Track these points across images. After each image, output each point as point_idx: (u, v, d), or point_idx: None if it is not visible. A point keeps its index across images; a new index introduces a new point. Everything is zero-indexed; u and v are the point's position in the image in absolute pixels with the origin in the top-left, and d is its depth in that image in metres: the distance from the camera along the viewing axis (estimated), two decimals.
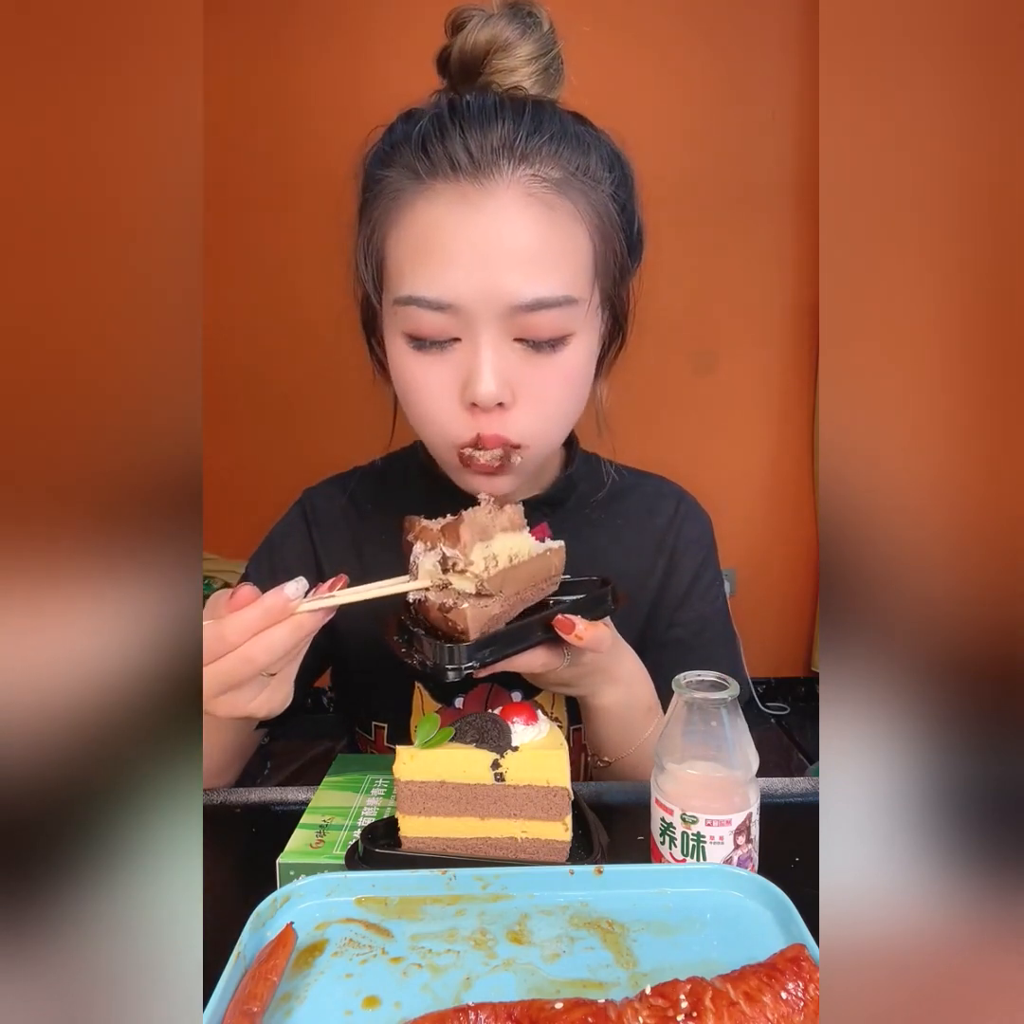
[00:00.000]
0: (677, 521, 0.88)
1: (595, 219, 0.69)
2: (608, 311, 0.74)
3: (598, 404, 0.79)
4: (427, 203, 0.66)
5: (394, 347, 0.71)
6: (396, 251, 0.68)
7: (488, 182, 0.64)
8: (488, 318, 0.65)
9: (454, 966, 0.48)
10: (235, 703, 0.59)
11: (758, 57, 2.39)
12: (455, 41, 0.68)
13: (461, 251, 0.64)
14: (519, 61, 0.67)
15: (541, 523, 0.82)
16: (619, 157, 0.72)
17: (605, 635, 0.66)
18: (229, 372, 2.44)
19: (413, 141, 0.67)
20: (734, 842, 0.56)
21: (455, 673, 0.60)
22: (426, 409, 0.70)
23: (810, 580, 2.73)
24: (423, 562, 0.62)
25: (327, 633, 0.64)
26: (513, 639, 0.64)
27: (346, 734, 0.96)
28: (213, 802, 0.73)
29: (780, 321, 2.56)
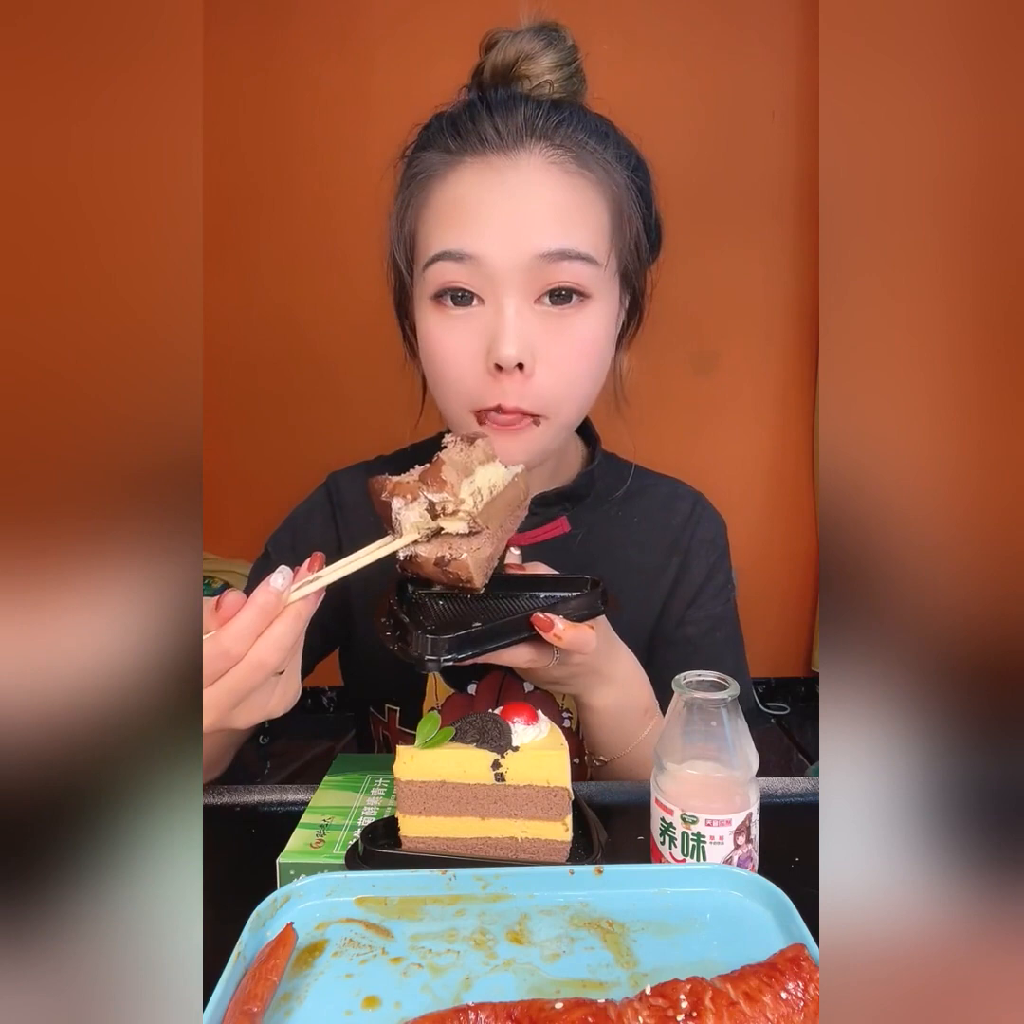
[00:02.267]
0: (692, 521, 0.90)
1: (612, 192, 0.74)
2: (626, 287, 0.78)
3: (617, 377, 0.83)
4: (457, 175, 0.72)
5: (423, 315, 0.74)
6: (428, 221, 0.74)
7: (513, 155, 0.70)
8: (511, 272, 0.69)
9: (454, 966, 0.48)
10: (252, 710, 0.57)
11: (758, 57, 2.39)
12: (488, 58, 0.75)
13: (487, 212, 0.70)
14: (544, 68, 0.74)
15: (560, 516, 0.84)
16: (636, 152, 0.78)
17: (588, 637, 0.65)
18: (229, 372, 2.44)
19: (446, 123, 0.74)
20: (734, 842, 0.56)
21: (434, 664, 0.59)
22: (450, 371, 0.73)
23: (810, 580, 2.73)
24: (406, 516, 0.61)
25: (337, 614, 0.65)
26: (495, 635, 0.63)
27: (355, 718, 0.96)
28: (213, 802, 0.73)
29: (780, 321, 2.55)
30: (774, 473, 2.67)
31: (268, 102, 2.34)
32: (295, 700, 0.61)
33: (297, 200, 2.39)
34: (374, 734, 0.91)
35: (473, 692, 0.84)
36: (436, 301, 0.72)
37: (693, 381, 2.57)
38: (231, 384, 2.45)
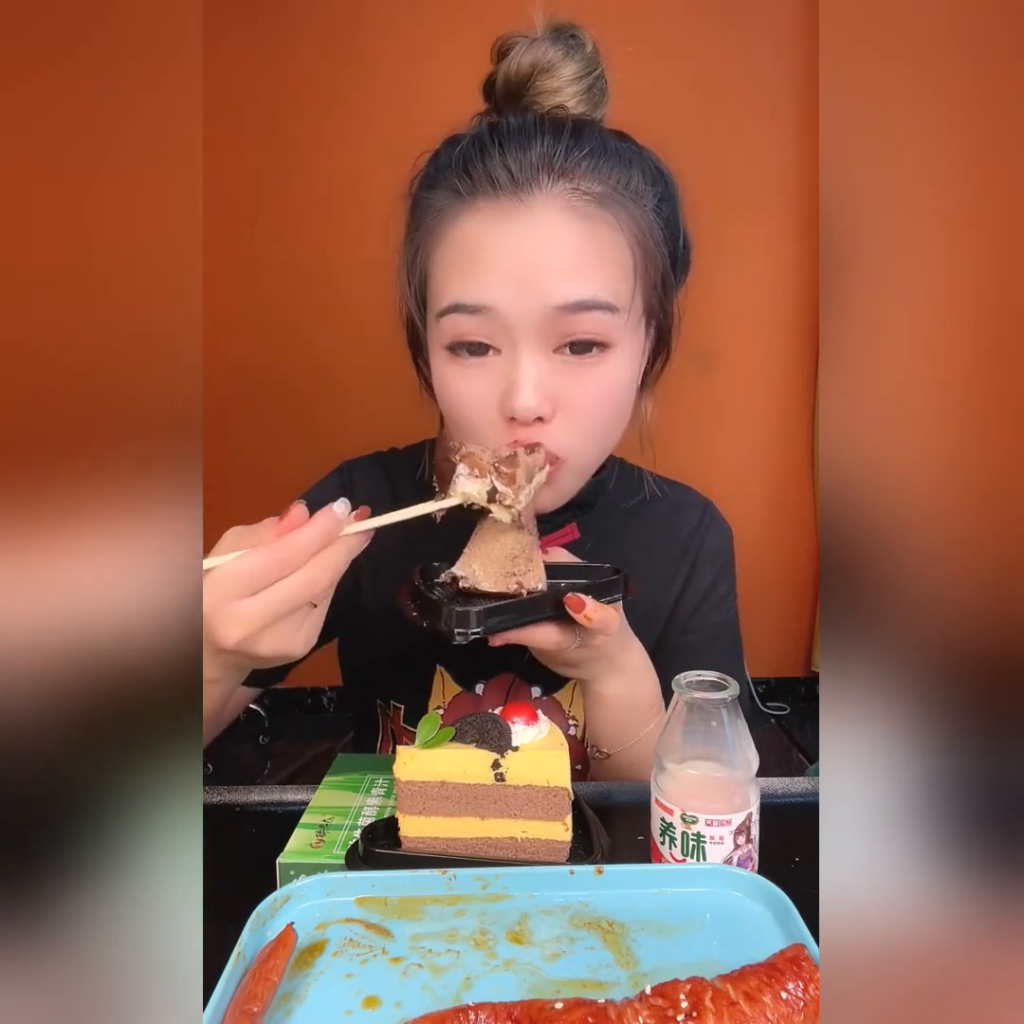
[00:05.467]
0: (701, 531, 0.90)
1: (636, 231, 0.69)
2: (652, 325, 0.75)
3: (642, 420, 0.81)
4: (469, 220, 0.68)
5: (437, 362, 0.72)
6: (439, 268, 0.70)
7: (528, 197, 0.66)
8: (528, 324, 0.66)
9: (454, 966, 0.48)
10: (280, 636, 0.57)
11: (758, 57, 2.39)
12: (500, 67, 0.70)
13: (501, 260, 0.66)
14: (563, 81, 0.69)
15: (570, 523, 0.83)
16: (662, 173, 0.73)
17: (613, 618, 0.66)
18: (229, 373, 2.44)
19: (455, 162, 0.69)
20: (734, 842, 0.56)
21: (463, 637, 0.61)
22: (467, 420, 0.71)
23: (810, 580, 2.73)
24: (464, 484, 0.65)
25: (343, 607, 0.65)
26: (523, 610, 0.65)
27: (355, 717, 0.96)
28: (213, 802, 0.73)
29: (781, 321, 2.56)
30: (774, 472, 2.67)
31: (269, 102, 2.35)
32: (313, 642, 0.61)
33: (296, 196, 2.39)
34: (383, 728, 0.90)
35: (480, 692, 0.84)
36: (450, 351, 0.70)
37: (694, 382, 2.57)
38: (229, 385, 2.45)
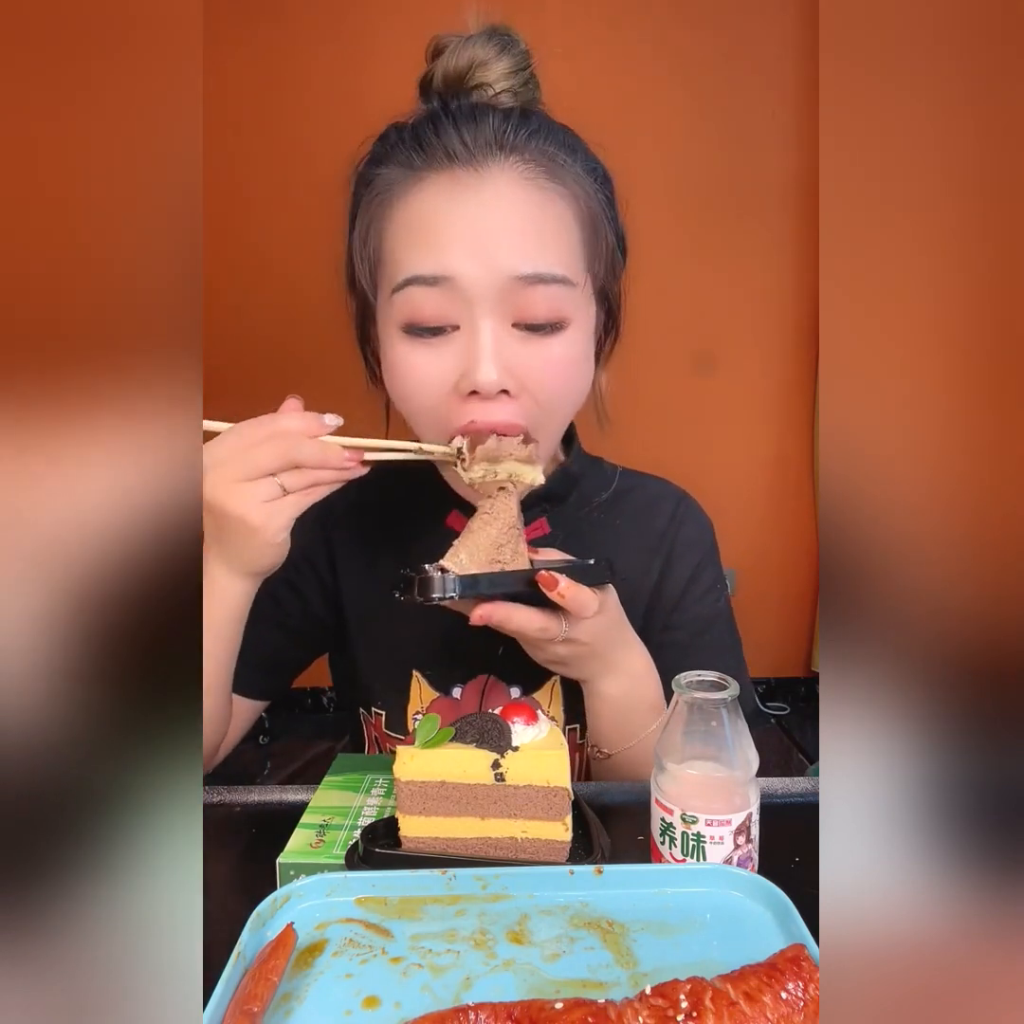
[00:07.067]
0: (675, 523, 0.87)
1: (585, 208, 0.71)
2: (601, 304, 0.76)
3: (598, 394, 0.81)
4: (421, 191, 0.68)
5: (389, 342, 0.71)
6: (391, 242, 0.70)
7: (483, 168, 0.67)
8: (487, 294, 0.66)
9: (454, 966, 0.48)
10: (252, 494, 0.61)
11: (758, 57, 2.39)
12: (437, 64, 0.71)
13: (458, 230, 0.66)
14: (499, 75, 0.70)
15: (540, 518, 0.83)
16: (601, 163, 0.75)
17: (587, 598, 0.65)
18: (229, 372, 2.43)
19: (408, 137, 0.69)
20: (734, 842, 0.56)
21: (439, 598, 0.62)
22: (421, 398, 0.70)
23: (810, 580, 2.73)
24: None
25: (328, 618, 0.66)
26: (497, 582, 0.66)
27: (349, 720, 0.96)
28: (213, 802, 0.73)
29: (780, 321, 2.56)
30: (774, 473, 2.67)
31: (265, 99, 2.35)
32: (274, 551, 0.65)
33: (294, 176, 2.37)
34: (366, 735, 0.91)
35: (458, 696, 0.84)
36: (405, 332, 0.69)
37: (693, 382, 2.57)
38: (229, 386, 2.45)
